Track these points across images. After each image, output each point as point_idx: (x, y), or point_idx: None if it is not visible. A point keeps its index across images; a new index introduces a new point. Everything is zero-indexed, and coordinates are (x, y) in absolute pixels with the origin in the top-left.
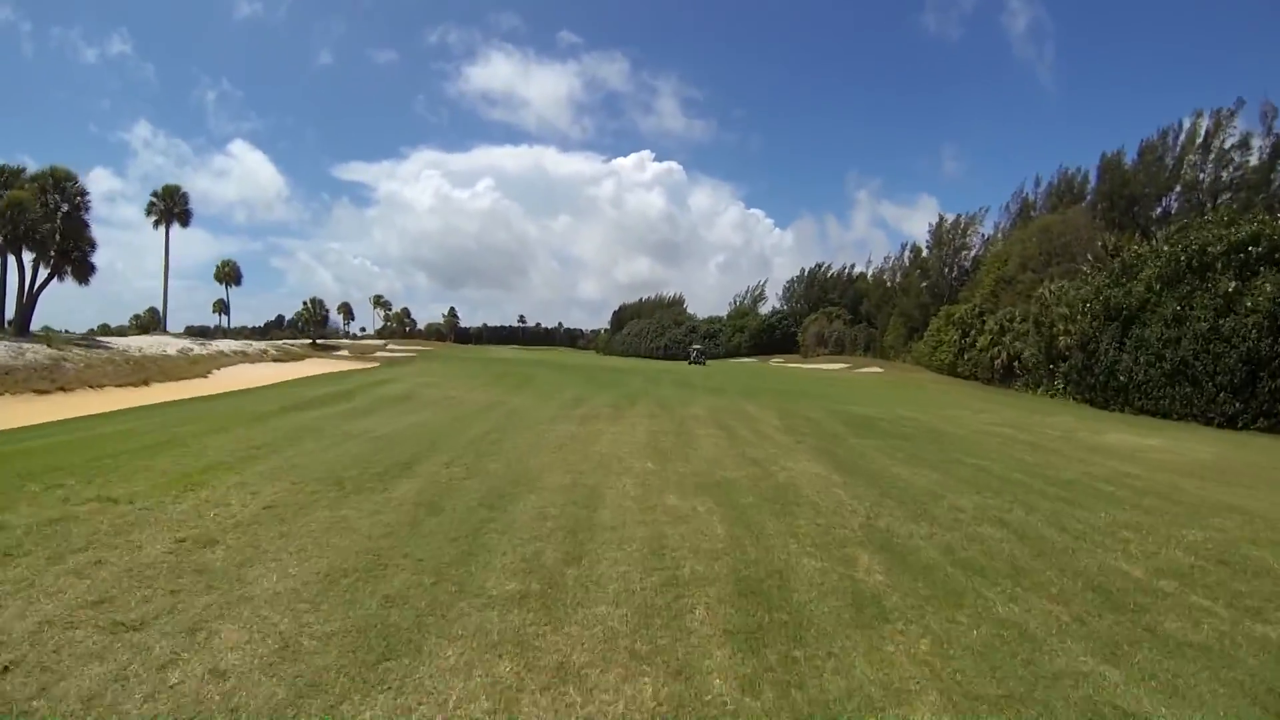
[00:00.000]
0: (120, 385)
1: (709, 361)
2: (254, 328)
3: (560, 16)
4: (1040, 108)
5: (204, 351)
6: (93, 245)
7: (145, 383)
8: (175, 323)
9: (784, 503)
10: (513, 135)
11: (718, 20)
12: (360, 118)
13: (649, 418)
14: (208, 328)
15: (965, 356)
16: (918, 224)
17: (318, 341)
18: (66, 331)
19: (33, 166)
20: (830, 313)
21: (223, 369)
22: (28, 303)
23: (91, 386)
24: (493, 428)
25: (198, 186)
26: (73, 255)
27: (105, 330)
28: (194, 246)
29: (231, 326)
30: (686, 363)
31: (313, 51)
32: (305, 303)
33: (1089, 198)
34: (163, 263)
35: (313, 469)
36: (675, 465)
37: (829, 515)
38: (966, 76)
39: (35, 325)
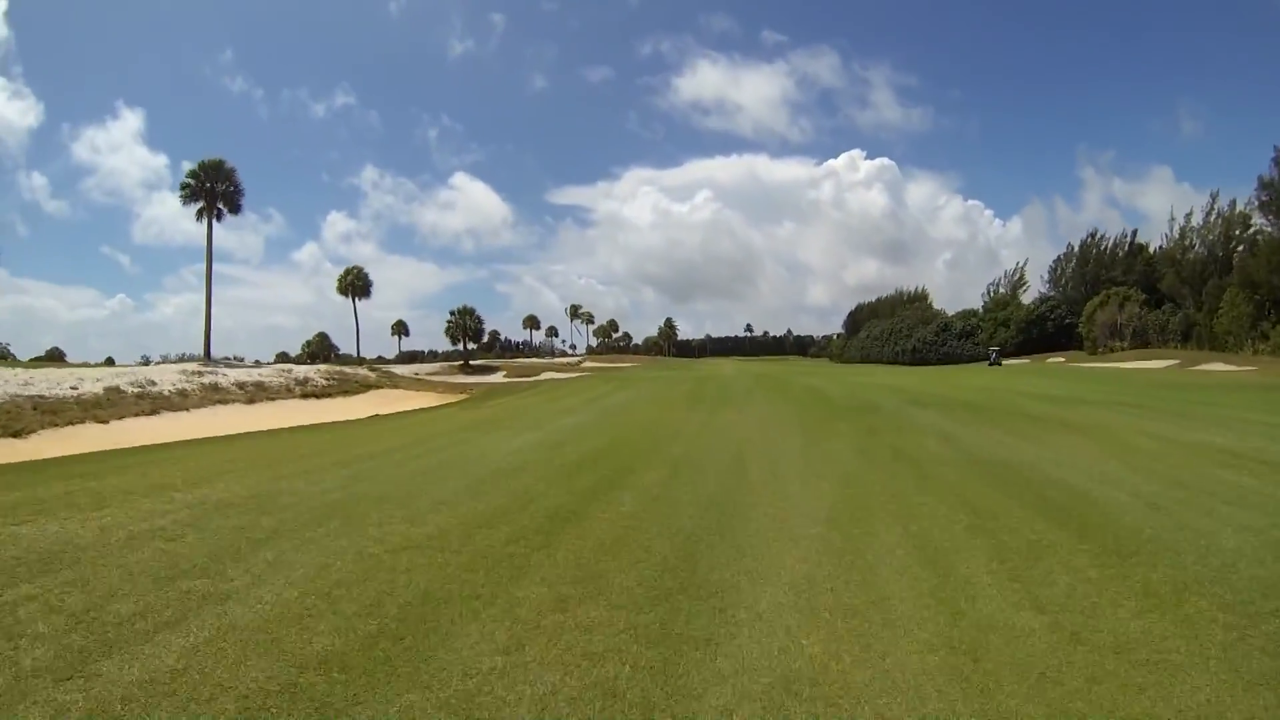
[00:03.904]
0: None
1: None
2: (461, 350)
3: (764, 15)
4: None
5: (164, 388)
6: None
7: None
8: (393, 347)
9: None
10: (729, 143)
11: None
12: (575, 139)
13: None
14: (420, 352)
15: None
16: (1152, 200)
17: (470, 362)
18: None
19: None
20: (1120, 294)
21: (134, 419)
22: None
23: None
24: None
25: (425, 220)
26: None
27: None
28: (423, 279)
29: (425, 351)
30: (986, 364)
31: (526, 77)
32: (452, 313)
33: None
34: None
35: None
36: None
37: None
38: (1198, 11)
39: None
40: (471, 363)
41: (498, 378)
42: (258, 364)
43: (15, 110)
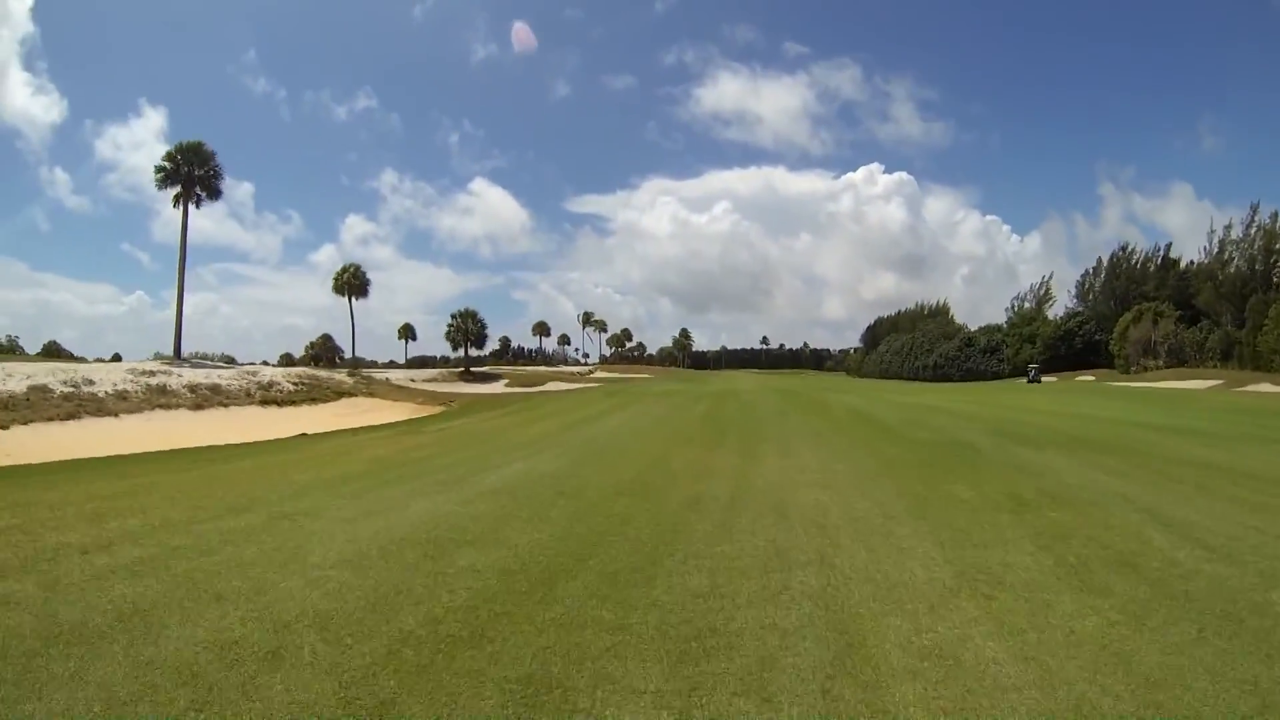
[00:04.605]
0: None
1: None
2: (481, 357)
3: (786, 27)
4: None
5: (102, 389)
6: None
7: None
8: (415, 351)
9: None
10: (748, 154)
11: (944, 6)
12: (596, 147)
13: None
14: (432, 358)
15: None
16: (1172, 217)
17: (472, 369)
18: None
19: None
20: (1154, 309)
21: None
22: None
23: None
24: None
25: (444, 225)
26: None
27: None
28: (439, 284)
29: (432, 355)
30: (1025, 380)
31: (549, 85)
32: (453, 316)
33: None
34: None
35: None
36: None
37: None
38: (1221, 27)
39: None
40: (473, 370)
41: (498, 386)
42: (265, 365)
43: (39, 106)
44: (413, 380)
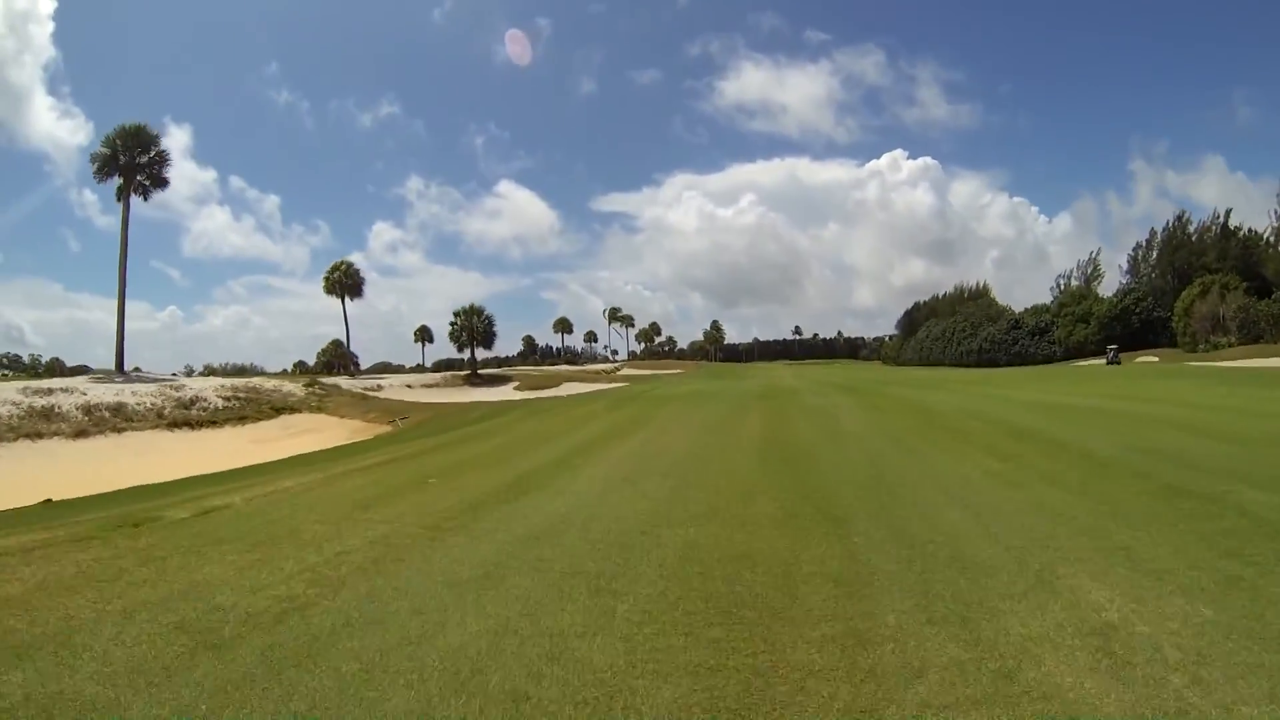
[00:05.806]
0: None
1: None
2: (505, 358)
3: (809, 14)
4: None
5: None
6: None
7: None
8: (440, 354)
9: None
10: (772, 145)
11: None
12: (621, 144)
13: None
14: (458, 360)
15: None
16: (1205, 190)
17: (479, 372)
18: None
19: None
20: (1220, 281)
21: None
22: None
23: None
24: None
25: (472, 228)
26: None
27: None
28: (468, 288)
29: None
30: (1104, 362)
31: (574, 83)
32: (456, 314)
33: None
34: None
35: None
36: None
37: None
38: None
39: None
40: (480, 372)
41: (506, 390)
42: (201, 377)
43: (65, 129)
44: (409, 386)
